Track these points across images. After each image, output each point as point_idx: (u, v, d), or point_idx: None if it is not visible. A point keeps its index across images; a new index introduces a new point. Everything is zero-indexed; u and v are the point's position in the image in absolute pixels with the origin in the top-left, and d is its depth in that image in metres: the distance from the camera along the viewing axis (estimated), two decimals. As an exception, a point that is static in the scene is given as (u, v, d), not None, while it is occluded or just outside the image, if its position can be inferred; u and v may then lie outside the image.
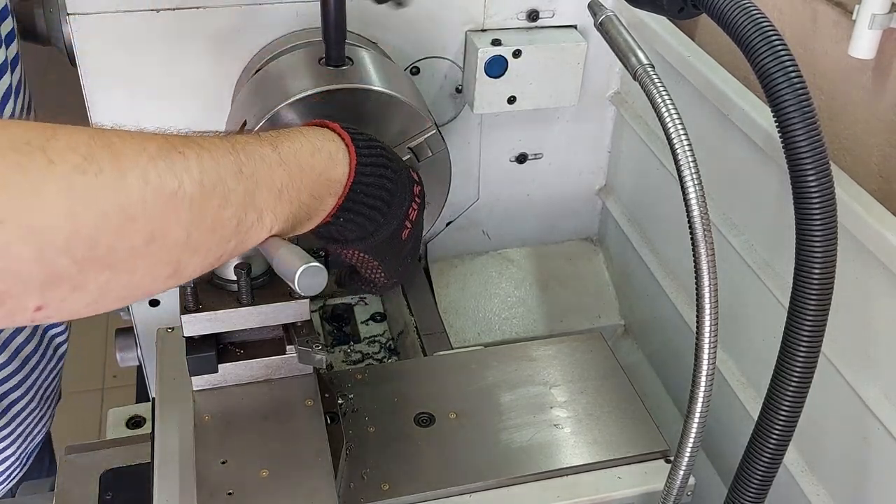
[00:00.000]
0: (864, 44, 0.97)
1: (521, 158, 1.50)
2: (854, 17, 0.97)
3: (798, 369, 0.83)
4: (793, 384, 0.84)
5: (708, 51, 1.22)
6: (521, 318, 1.52)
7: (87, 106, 1.21)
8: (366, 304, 1.57)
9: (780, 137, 0.79)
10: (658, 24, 1.28)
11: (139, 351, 1.47)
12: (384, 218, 0.89)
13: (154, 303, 1.40)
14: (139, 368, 1.53)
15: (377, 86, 1.09)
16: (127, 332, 1.48)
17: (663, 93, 0.82)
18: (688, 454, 0.88)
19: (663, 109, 0.82)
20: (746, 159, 1.13)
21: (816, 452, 1.05)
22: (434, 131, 1.12)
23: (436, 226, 1.40)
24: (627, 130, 1.46)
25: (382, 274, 0.96)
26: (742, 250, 1.15)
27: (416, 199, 0.95)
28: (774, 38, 0.78)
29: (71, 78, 1.21)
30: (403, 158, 1.12)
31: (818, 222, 0.79)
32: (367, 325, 1.52)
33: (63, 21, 1.15)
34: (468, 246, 1.57)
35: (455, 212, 1.52)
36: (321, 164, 0.82)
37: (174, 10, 1.17)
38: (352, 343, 1.48)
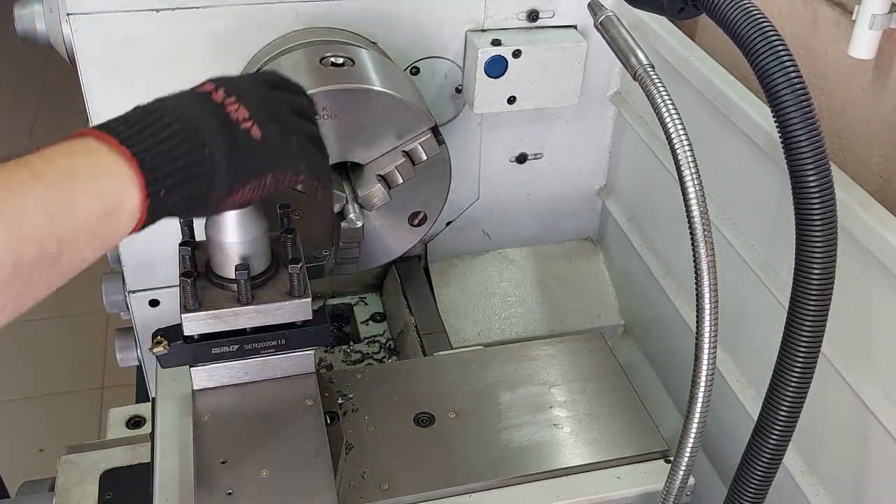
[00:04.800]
0: (864, 44, 0.97)
1: (521, 158, 1.50)
2: (854, 18, 0.97)
3: (798, 369, 0.83)
4: (792, 384, 0.84)
5: (708, 51, 1.22)
6: (520, 317, 1.52)
7: (87, 106, 1.21)
8: (366, 304, 1.57)
9: (780, 137, 0.79)
10: (658, 25, 1.28)
11: (139, 351, 1.47)
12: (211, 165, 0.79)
13: (154, 303, 1.40)
14: (139, 368, 1.53)
15: (377, 86, 1.09)
16: (127, 332, 1.48)
17: (663, 93, 0.82)
18: (687, 454, 0.88)
19: (663, 109, 0.82)
20: (746, 159, 1.13)
21: (816, 452, 1.05)
22: (429, 135, 1.12)
23: (436, 226, 1.40)
24: (627, 130, 1.46)
25: (313, 182, 0.88)
26: (742, 250, 1.15)
27: (226, 104, 0.83)
28: (774, 38, 0.78)
29: (71, 78, 1.21)
30: (400, 161, 1.12)
31: (818, 222, 0.79)
32: (367, 325, 1.52)
33: (63, 21, 1.15)
34: (468, 246, 1.57)
35: (455, 212, 1.52)
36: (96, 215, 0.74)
37: (174, 10, 1.17)
38: (352, 343, 1.48)
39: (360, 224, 1.11)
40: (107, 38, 1.16)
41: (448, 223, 1.53)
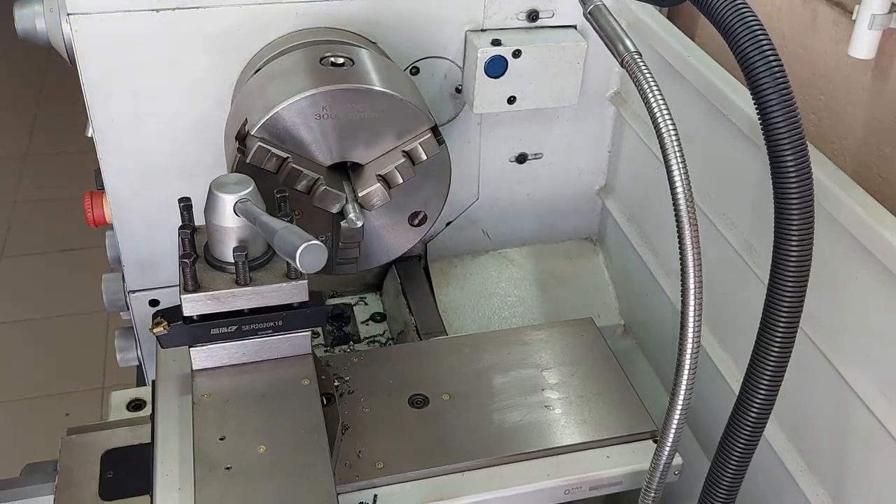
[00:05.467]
0: (864, 44, 0.97)
1: (521, 158, 1.50)
2: (854, 18, 0.97)
3: (777, 343, 0.86)
4: (772, 358, 0.86)
5: (707, 50, 1.22)
6: (520, 317, 1.52)
7: (87, 106, 1.21)
8: (366, 304, 1.57)
9: (759, 119, 0.82)
10: (658, 25, 1.28)
11: (139, 351, 1.47)
12: None
13: (154, 303, 1.40)
14: (139, 368, 1.53)
15: (377, 86, 1.09)
16: (127, 332, 1.48)
17: (650, 79, 0.84)
18: (673, 430, 0.90)
19: (649, 94, 0.84)
20: (746, 159, 1.13)
21: (816, 452, 1.05)
22: (429, 135, 1.12)
23: (436, 226, 1.40)
24: (627, 130, 1.46)
25: None
26: (739, 248, 1.15)
27: None
28: (753, 22, 0.81)
29: (71, 78, 1.21)
30: (400, 161, 1.12)
31: (795, 200, 0.81)
32: (367, 325, 1.53)
33: (63, 21, 1.15)
34: (468, 246, 1.57)
35: (455, 212, 1.52)
36: None
37: (174, 10, 1.17)
38: (352, 343, 1.48)
39: (360, 224, 1.11)
40: (107, 38, 1.17)
41: (448, 223, 1.53)
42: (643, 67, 0.85)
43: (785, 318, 0.84)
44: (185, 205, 1.03)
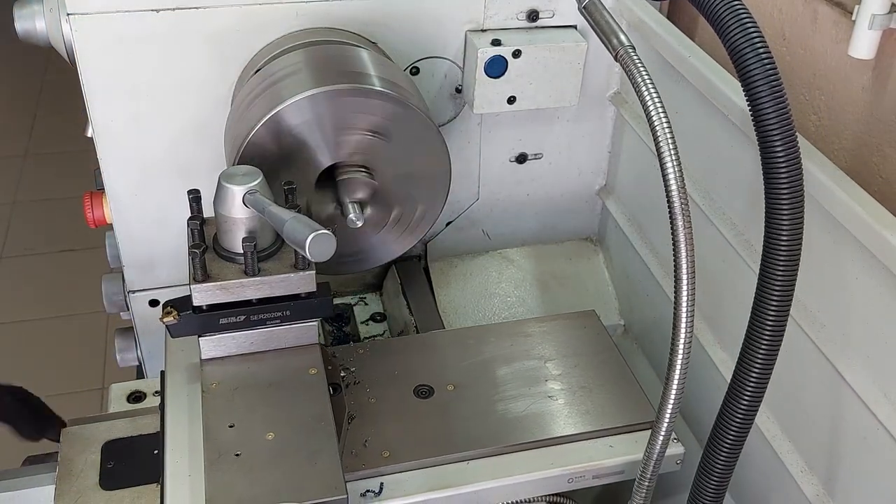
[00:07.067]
0: (864, 44, 0.97)
1: (521, 158, 1.50)
2: (854, 18, 0.97)
3: (769, 327, 0.86)
4: (764, 343, 0.87)
5: (707, 50, 1.22)
6: (520, 318, 1.52)
7: (87, 106, 1.21)
8: (366, 304, 1.57)
9: (750, 111, 0.82)
10: (658, 25, 1.28)
11: (139, 351, 1.47)
12: None
13: (154, 303, 1.40)
14: (139, 368, 1.53)
15: (377, 86, 1.09)
16: (127, 332, 1.48)
17: (643, 72, 0.85)
18: (667, 417, 0.90)
19: (643, 87, 0.85)
20: (746, 159, 1.13)
21: (816, 452, 1.05)
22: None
23: (436, 226, 1.40)
24: (627, 130, 1.46)
25: None
26: (731, 239, 1.15)
27: None
28: (744, 15, 0.82)
29: (71, 78, 1.21)
30: (401, 158, 1.13)
31: (786, 190, 0.82)
32: (367, 325, 1.53)
33: (63, 21, 1.15)
34: (468, 246, 1.57)
35: (455, 212, 1.52)
36: None
37: (174, 10, 1.17)
38: (352, 343, 1.48)
39: (360, 224, 1.12)
40: (107, 38, 1.17)
41: (448, 223, 1.53)
42: (637, 61, 0.85)
43: (776, 301, 0.85)
44: (195, 196, 1.05)
